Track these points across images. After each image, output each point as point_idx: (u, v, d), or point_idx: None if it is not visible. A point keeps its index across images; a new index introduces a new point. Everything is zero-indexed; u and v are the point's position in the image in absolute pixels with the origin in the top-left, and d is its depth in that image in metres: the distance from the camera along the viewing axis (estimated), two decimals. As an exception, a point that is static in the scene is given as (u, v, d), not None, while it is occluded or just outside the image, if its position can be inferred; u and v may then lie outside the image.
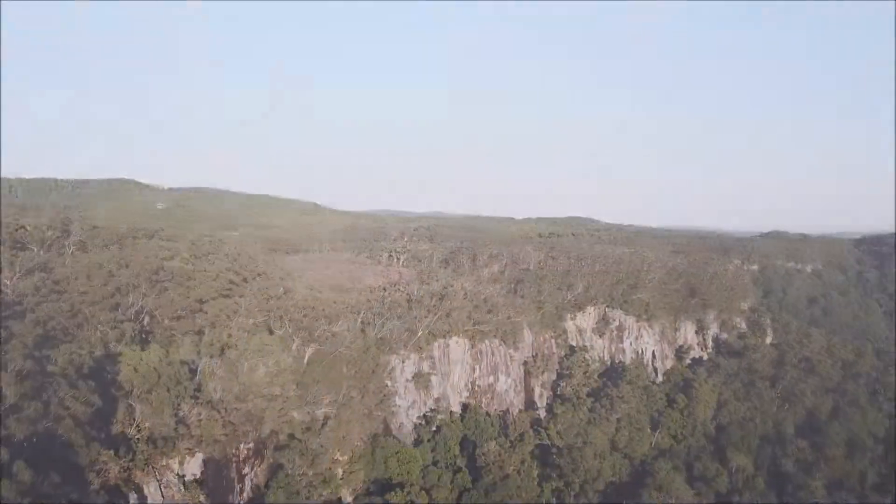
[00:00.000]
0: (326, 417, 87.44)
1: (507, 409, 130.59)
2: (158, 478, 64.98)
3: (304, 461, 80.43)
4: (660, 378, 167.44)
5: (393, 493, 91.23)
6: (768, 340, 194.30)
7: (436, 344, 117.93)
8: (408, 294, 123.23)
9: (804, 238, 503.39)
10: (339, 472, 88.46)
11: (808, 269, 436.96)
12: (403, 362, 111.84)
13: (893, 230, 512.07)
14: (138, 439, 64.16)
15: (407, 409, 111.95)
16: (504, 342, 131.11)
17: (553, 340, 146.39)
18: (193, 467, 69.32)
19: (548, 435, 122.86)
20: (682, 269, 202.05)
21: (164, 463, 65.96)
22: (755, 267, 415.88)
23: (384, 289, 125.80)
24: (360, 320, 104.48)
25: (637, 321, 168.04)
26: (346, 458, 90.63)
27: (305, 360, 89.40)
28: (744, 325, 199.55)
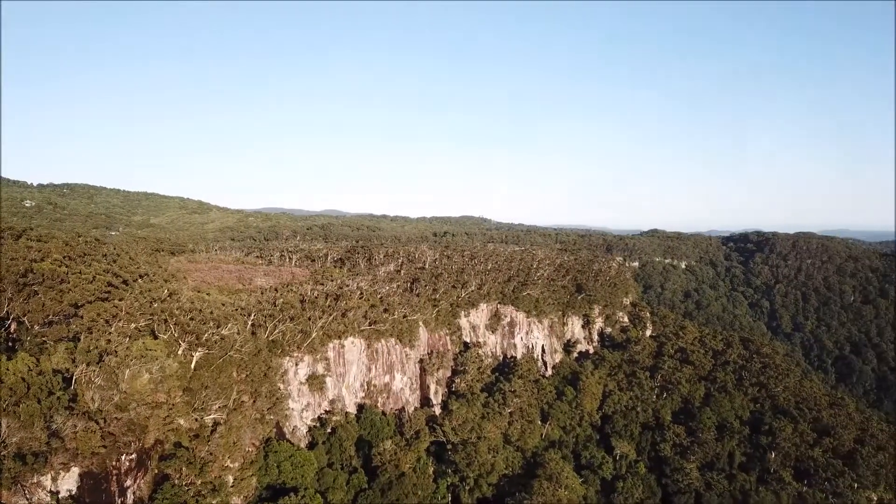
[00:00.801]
0: (216, 423, 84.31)
1: (403, 408, 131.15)
2: (28, 496, 60.34)
3: (192, 470, 77.18)
4: (549, 371, 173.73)
5: (287, 497, 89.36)
6: (648, 333, 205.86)
7: (330, 345, 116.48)
8: (301, 294, 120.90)
9: (679, 236, 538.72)
10: (230, 479, 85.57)
11: (683, 265, 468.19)
12: (297, 364, 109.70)
13: (755, 230, 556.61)
14: (4, 456, 59.28)
15: (301, 412, 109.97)
16: (400, 341, 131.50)
17: (448, 338, 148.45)
18: (69, 483, 64.85)
19: (443, 431, 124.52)
20: (570, 267, 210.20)
21: (34, 480, 61.28)
22: (636, 263, 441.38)
23: (276, 289, 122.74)
24: (250, 322, 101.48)
25: (528, 317, 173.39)
26: (237, 464, 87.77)
27: (193, 365, 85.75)
28: (626, 319, 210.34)
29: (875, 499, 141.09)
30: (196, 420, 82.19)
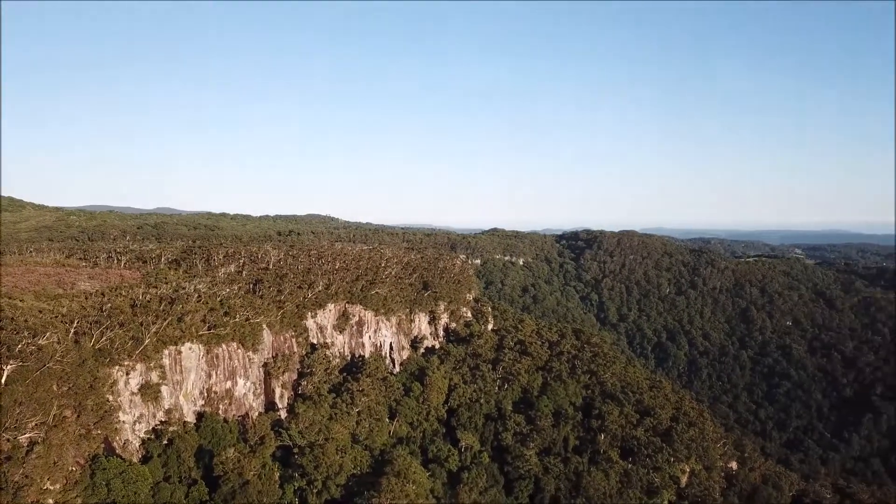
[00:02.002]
0: (32, 443, 76.44)
1: (247, 414, 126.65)
2: None
3: (4, 496, 69.52)
4: (397, 368, 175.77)
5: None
6: (490, 327, 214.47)
7: (166, 352, 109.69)
8: (132, 299, 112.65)
9: (517, 234, 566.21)
10: (51, 502, 78.04)
11: (521, 262, 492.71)
12: (128, 374, 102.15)
13: (584, 228, 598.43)
14: None
15: (133, 425, 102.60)
16: (242, 345, 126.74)
17: (294, 340, 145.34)
18: None
19: (289, 435, 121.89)
20: (416, 265, 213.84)
21: None
22: (478, 261, 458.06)
23: (103, 294, 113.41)
24: (73, 330, 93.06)
25: (376, 315, 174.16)
26: (58, 486, 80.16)
27: (3, 380, 77.13)
28: (469, 314, 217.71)
29: (688, 469, 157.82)
30: (8, 441, 74.04)
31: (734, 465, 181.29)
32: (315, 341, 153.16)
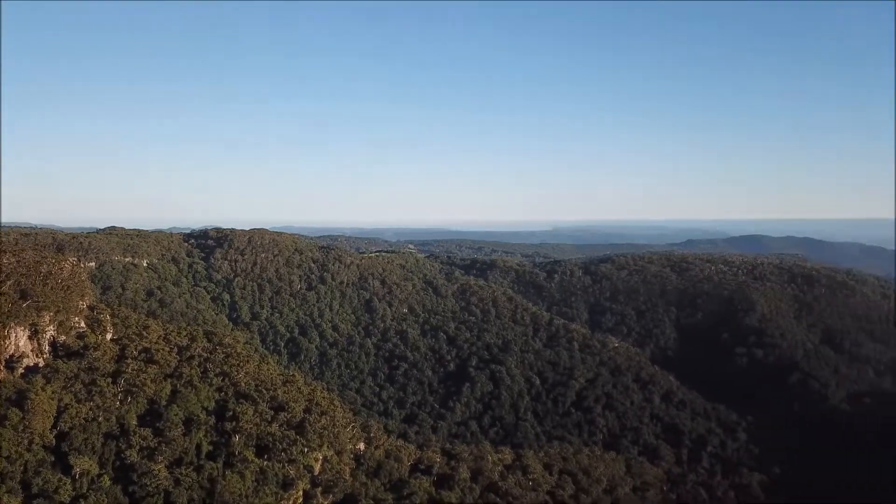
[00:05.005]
0: None
1: None
2: None
3: None
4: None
5: None
6: (109, 336, 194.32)
7: None
8: None
9: (140, 233, 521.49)
10: None
11: (145, 263, 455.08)
12: None
13: (214, 226, 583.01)
14: None
15: None
16: None
17: None
18: None
19: None
20: (11, 270, 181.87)
21: None
22: (92, 264, 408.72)
23: None
24: None
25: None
26: None
27: None
28: (83, 325, 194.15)
29: (321, 457, 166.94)
30: None
31: (362, 445, 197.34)
32: None
